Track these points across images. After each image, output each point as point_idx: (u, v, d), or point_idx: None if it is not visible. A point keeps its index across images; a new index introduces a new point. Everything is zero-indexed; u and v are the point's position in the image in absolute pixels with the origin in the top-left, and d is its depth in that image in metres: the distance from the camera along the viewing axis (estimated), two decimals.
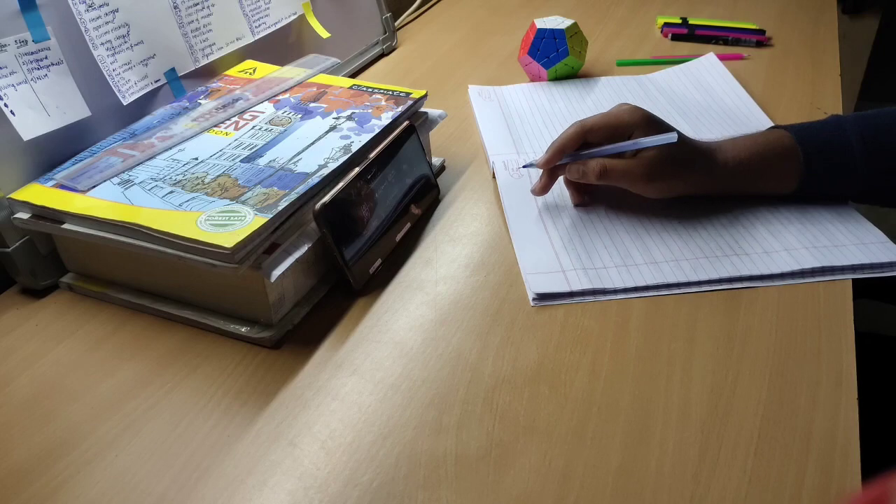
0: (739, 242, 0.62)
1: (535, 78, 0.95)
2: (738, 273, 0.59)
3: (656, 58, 1.01)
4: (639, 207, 0.67)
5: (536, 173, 0.70)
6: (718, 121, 0.82)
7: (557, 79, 0.94)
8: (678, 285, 0.59)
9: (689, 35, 1.06)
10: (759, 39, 1.03)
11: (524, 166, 0.70)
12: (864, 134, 0.63)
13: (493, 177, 0.74)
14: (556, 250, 0.63)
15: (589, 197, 0.69)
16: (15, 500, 0.44)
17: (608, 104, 0.87)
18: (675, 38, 1.06)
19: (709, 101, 0.87)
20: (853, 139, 0.63)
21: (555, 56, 0.92)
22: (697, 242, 0.63)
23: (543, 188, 0.67)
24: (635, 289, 0.58)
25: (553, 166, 0.66)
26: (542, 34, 0.91)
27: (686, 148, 0.64)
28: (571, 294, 0.58)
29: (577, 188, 0.68)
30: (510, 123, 0.84)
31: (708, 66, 0.95)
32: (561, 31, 0.90)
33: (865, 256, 0.59)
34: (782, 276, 0.59)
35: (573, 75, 0.95)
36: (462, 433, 0.47)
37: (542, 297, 0.58)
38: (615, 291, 0.58)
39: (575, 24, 0.92)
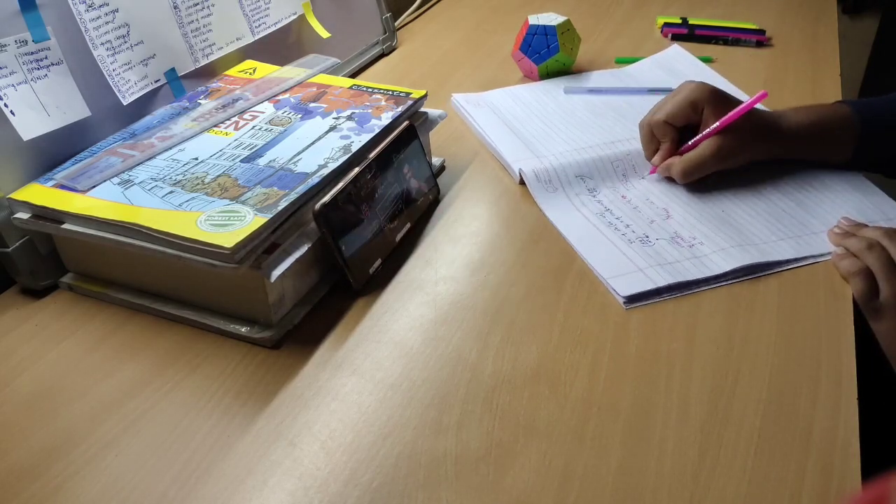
0: (787, 226, 0.65)
1: (527, 73, 0.96)
2: (799, 254, 0.61)
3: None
4: (686, 198, 0.69)
5: (570, 187, 0.71)
6: None
7: (549, 74, 0.94)
8: (752, 268, 0.59)
9: (689, 35, 1.06)
10: (759, 39, 1.03)
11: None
12: None
13: (521, 182, 0.73)
14: (623, 251, 0.62)
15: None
16: (15, 500, 0.44)
17: (596, 100, 0.88)
18: (676, 37, 1.06)
19: None
20: None
21: (545, 52, 0.92)
22: (751, 228, 0.64)
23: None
24: (716, 277, 0.59)
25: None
26: (534, 30, 0.91)
27: (758, 121, 0.68)
28: (659, 291, 0.58)
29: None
30: (513, 128, 0.82)
31: (675, 55, 0.97)
32: (552, 27, 0.90)
33: None
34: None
35: (565, 72, 0.95)
36: (462, 433, 0.47)
37: (632, 298, 0.57)
38: (697, 283, 0.58)
39: (567, 22, 0.92)
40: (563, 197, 0.70)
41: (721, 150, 0.67)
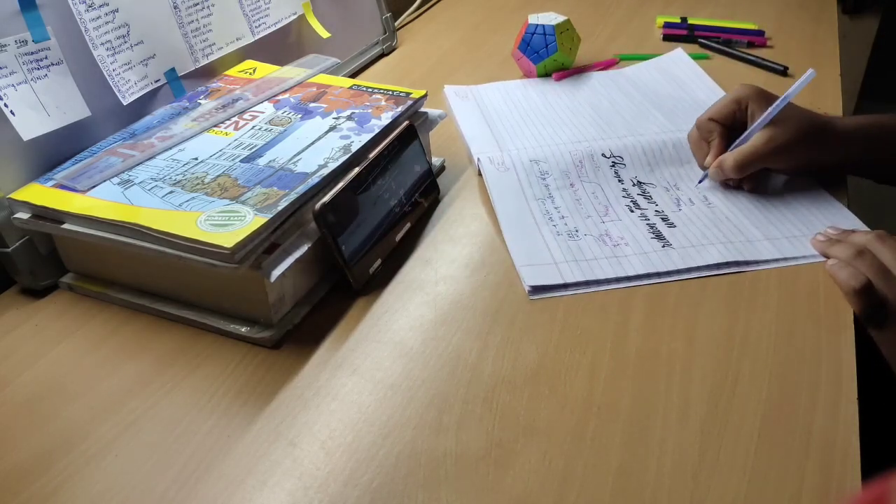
0: (724, 232, 0.64)
1: (526, 73, 0.96)
2: (723, 259, 0.61)
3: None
4: (630, 200, 0.69)
5: (522, 168, 0.72)
6: (693, 112, 0.84)
7: (547, 74, 0.95)
8: (668, 273, 0.60)
9: (687, 36, 1.06)
10: (750, 40, 1.02)
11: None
12: None
13: (479, 174, 0.74)
14: (547, 242, 0.63)
15: (752, 181, 0.69)
16: (15, 500, 0.44)
17: (583, 99, 0.89)
18: (668, 38, 1.06)
19: (681, 94, 0.89)
20: None
21: (544, 52, 0.92)
22: (683, 232, 0.64)
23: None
24: (627, 278, 0.59)
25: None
26: (533, 29, 0.92)
27: (811, 123, 0.67)
28: (565, 286, 0.59)
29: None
30: (489, 121, 0.84)
31: (677, 60, 0.97)
32: (551, 26, 0.90)
33: None
34: (767, 262, 0.61)
35: (562, 72, 0.95)
36: (462, 433, 0.47)
37: (537, 289, 0.58)
38: (607, 281, 0.59)
39: (567, 21, 0.92)
40: (512, 177, 0.71)
41: (773, 140, 0.65)
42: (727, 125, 0.70)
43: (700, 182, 0.71)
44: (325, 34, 0.92)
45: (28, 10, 0.60)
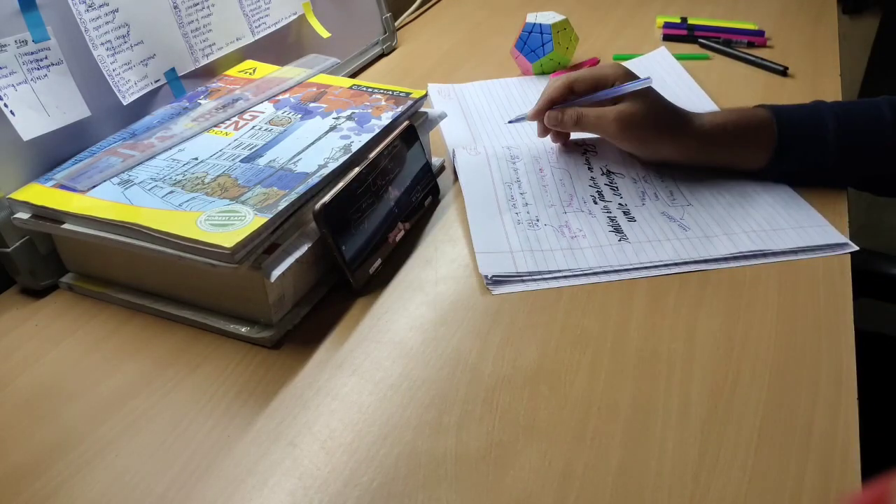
0: (683, 227, 0.64)
1: (524, 71, 0.97)
2: (679, 258, 0.61)
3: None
4: (597, 188, 0.70)
5: (493, 151, 0.74)
6: None
7: (543, 73, 0.95)
8: (625, 270, 0.60)
9: (687, 36, 1.06)
10: (750, 40, 1.02)
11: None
12: (839, 115, 0.67)
13: (454, 170, 0.74)
14: (507, 231, 0.64)
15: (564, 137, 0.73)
16: (15, 500, 0.44)
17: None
18: (667, 38, 1.06)
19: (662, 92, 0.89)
20: (828, 118, 0.66)
21: (540, 50, 0.93)
22: (642, 227, 0.65)
23: (542, 132, 0.72)
24: (580, 270, 0.60)
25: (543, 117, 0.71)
26: (530, 28, 0.92)
27: (666, 109, 0.68)
28: (519, 276, 0.60)
29: (557, 134, 0.73)
30: (469, 121, 0.85)
31: (660, 59, 0.98)
32: (547, 25, 0.91)
33: (802, 240, 0.62)
34: (725, 259, 0.61)
35: (561, 71, 0.95)
36: (462, 433, 0.47)
37: (497, 280, 0.59)
38: (560, 272, 0.60)
39: (564, 21, 0.92)
40: (482, 160, 0.73)
41: (622, 111, 0.66)
42: (584, 94, 0.71)
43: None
44: (325, 34, 0.92)
45: (28, 10, 0.60)
